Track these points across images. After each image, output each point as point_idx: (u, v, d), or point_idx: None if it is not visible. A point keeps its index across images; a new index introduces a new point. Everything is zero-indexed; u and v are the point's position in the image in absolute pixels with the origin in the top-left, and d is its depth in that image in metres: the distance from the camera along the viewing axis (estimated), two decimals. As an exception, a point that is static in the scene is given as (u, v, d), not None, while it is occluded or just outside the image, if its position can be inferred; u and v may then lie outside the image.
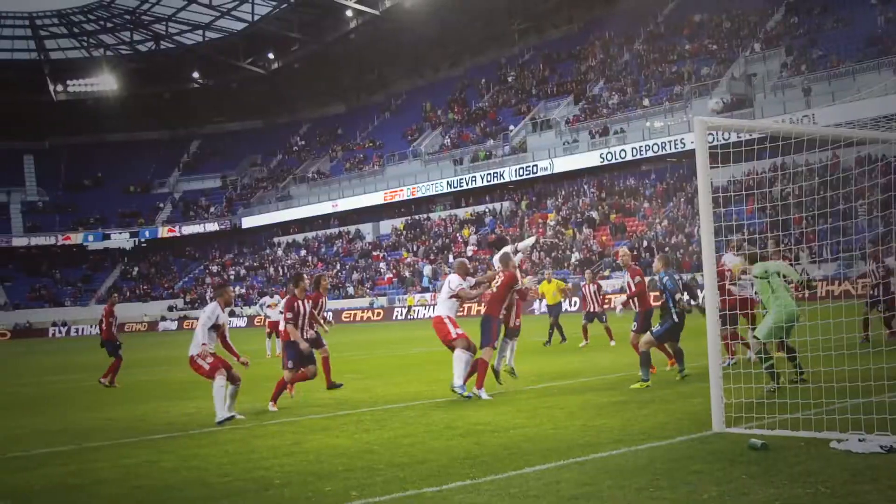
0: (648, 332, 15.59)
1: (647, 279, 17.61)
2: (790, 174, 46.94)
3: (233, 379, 13.85)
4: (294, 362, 15.36)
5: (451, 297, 15.38)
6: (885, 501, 6.93)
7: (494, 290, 15.50)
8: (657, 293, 16.03)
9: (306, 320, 16.01)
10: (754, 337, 13.43)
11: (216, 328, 14.15)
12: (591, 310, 26.95)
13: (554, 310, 28.37)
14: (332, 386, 17.78)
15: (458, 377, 14.81)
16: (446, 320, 15.16)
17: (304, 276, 17.02)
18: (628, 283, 16.85)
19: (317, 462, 10.07)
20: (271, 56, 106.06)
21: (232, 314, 73.81)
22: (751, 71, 67.03)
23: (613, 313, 22.35)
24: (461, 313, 16.90)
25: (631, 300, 16.89)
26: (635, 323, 16.74)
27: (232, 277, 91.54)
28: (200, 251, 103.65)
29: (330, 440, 11.57)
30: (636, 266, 17.55)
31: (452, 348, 15.02)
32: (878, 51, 58.97)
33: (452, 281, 15.41)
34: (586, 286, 27.44)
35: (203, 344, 13.83)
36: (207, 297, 66.97)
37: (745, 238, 15.13)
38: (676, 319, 15.36)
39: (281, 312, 25.77)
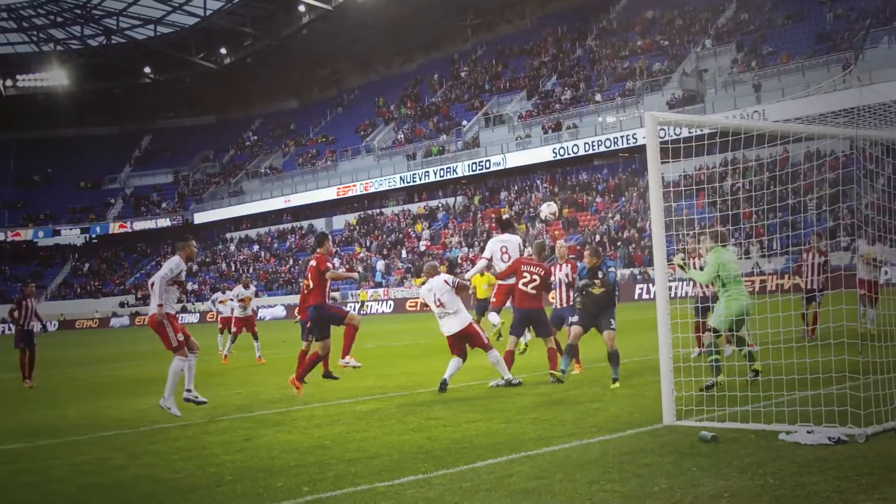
0: (610, 329, 14.68)
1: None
2: (741, 169, 47.14)
3: (191, 346, 13.69)
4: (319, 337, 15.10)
5: (456, 295, 15.10)
6: (833, 492, 7.00)
7: (528, 288, 15.58)
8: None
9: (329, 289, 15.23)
10: (709, 328, 13.13)
11: (178, 286, 13.88)
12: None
13: (482, 304, 25.13)
14: (302, 375, 16.75)
15: (506, 372, 15.05)
16: (478, 327, 15.29)
17: (328, 236, 16.07)
18: (567, 274, 16.18)
19: (268, 458, 10.05)
20: (223, 51, 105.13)
21: (184, 310, 73.29)
22: (702, 67, 67.59)
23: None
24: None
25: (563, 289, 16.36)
26: (573, 318, 15.66)
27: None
28: (152, 247, 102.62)
29: (282, 436, 11.53)
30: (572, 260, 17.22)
31: (464, 353, 15.15)
32: (827, 47, 59.69)
33: (444, 283, 15.06)
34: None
35: (159, 305, 13.41)
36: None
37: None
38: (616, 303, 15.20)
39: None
